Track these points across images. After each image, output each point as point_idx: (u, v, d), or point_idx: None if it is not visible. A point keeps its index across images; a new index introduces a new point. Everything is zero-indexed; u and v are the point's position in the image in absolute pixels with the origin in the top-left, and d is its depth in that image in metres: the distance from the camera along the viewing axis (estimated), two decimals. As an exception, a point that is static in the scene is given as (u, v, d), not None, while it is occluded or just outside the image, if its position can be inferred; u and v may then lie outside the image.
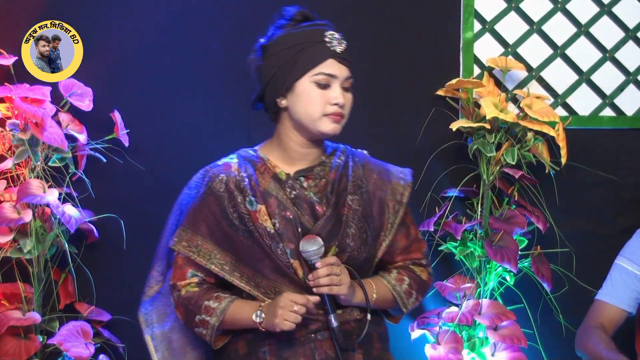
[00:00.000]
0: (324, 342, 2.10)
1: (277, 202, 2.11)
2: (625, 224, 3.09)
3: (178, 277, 2.15)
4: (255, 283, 2.10)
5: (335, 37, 2.13)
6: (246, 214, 2.10)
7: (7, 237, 2.70)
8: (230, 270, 2.10)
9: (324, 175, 2.18)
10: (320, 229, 2.10)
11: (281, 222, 2.09)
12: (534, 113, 2.86)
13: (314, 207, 2.13)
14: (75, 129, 2.81)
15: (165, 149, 2.96)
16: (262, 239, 2.08)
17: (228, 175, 2.14)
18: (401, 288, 2.22)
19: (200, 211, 2.14)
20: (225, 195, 2.12)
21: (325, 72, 2.10)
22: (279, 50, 2.13)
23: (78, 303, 2.83)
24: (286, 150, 2.17)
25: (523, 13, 3.12)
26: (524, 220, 2.90)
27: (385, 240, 2.21)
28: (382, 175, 2.25)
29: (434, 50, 3.08)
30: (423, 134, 2.97)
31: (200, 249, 2.11)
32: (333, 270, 2.06)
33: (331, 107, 2.10)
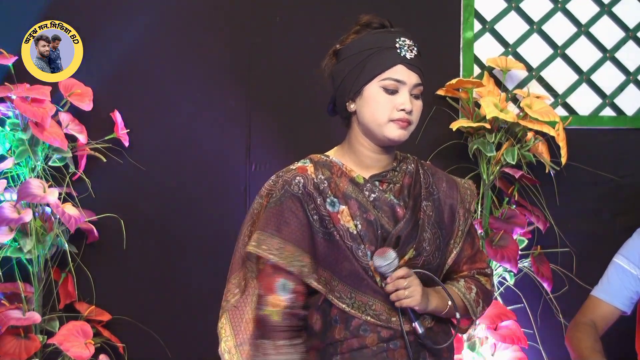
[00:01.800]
0: (397, 351, 2.08)
1: (358, 204, 2.10)
2: (625, 224, 3.09)
3: (266, 286, 2.08)
4: (331, 287, 2.08)
5: (406, 43, 2.12)
6: (326, 215, 2.09)
7: (7, 236, 2.70)
8: (308, 272, 2.06)
9: (398, 181, 2.17)
10: (400, 231, 2.09)
11: (363, 223, 2.08)
12: (534, 113, 2.86)
13: (394, 210, 2.12)
14: (75, 128, 2.81)
15: (165, 149, 2.96)
16: (344, 240, 2.07)
17: (305, 178, 2.12)
18: (470, 296, 2.20)
19: (280, 214, 2.09)
20: (304, 197, 2.10)
21: (393, 77, 2.09)
22: (349, 55, 2.13)
23: (78, 303, 2.83)
24: (358, 156, 2.16)
25: (523, 13, 3.12)
26: (524, 220, 2.90)
27: (456, 247, 2.20)
28: (450, 184, 2.25)
29: (434, 50, 3.07)
30: (423, 134, 2.96)
31: (282, 251, 2.07)
32: (399, 285, 2.05)
33: (398, 113, 2.09)
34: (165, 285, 2.94)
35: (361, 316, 2.07)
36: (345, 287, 2.08)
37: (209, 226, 2.95)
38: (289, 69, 2.99)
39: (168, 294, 2.93)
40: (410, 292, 2.05)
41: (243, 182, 2.96)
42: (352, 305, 2.08)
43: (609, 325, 2.68)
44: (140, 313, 2.90)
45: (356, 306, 2.07)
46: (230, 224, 2.92)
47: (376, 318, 2.07)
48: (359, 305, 2.08)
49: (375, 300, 2.08)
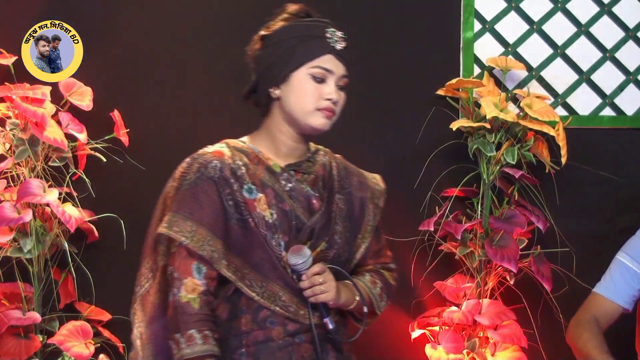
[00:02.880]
0: (302, 345, 2.09)
1: (274, 193, 2.10)
2: (625, 224, 3.09)
3: (183, 269, 2.05)
4: (242, 274, 2.06)
5: (336, 34, 2.13)
6: (242, 202, 2.07)
7: (7, 236, 2.70)
8: (219, 257, 2.04)
9: (312, 172, 2.18)
10: (315, 223, 2.10)
11: (278, 213, 2.08)
12: (534, 113, 2.86)
13: (310, 201, 2.12)
14: (75, 128, 2.81)
15: (165, 149, 2.96)
16: (258, 228, 2.07)
17: (222, 162, 2.11)
18: (375, 291, 2.23)
19: (194, 196, 2.06)
20: (220, 181, 2.08)
21: (322, 66, 2.10)
22: (278, 41, 2.13)
23: (78, 303, 2.83)
24: (275, 143, 2.16)
25: (523, 13, 3.12)
26: (524, 220, 2.90)
27: (364, 242, 2.22)
28: (361, 179, 2.27)
29: (434, 50, 3.08)
30: (423, 134, 2.97)
31: (194, 234, 2.05)
32: (315, 281, 2.06)
33: (324, 102, 2.09)
34: (165, 285, 2.93)
35: (270, 306, 2.05)
36: (256, 276, 2.07)
37: (208, 226, 2.94)
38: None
39: (168, 293, 2.93)
40: (326, 287, 2.06)
41: (243, 182, 2.96)
42: (262, 294, 2.06)
43: (610, 323, 2.68)
44: (140, 313, 2.90)
45: (266, 296, 2.06)
46: (230, 224, 2.92)
47: (285, 309, 2.06)
48: (268, 294, 2.06)
49: (285, 291, 2.07)
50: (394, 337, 3.00)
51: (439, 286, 2.96)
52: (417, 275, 2.99)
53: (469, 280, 2.95)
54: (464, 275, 2.98)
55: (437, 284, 2.97)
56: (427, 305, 3.01)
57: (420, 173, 2.97)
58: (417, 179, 2.97)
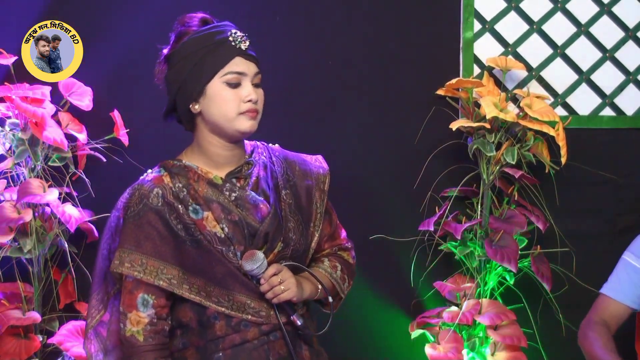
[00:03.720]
0: (276, 342, 2.11)
1: (221, 207, 2.10)
2: (625, 224, 3.09)
3: (127, 303, 2.07)
4: (206, 293, 2.07)
5: (238, 35, 2.13)
6: (191, 223, 2.07)
7: (8, 236, 2.70)
8: (178, 283, 2.05)
9: (254, 174, 2.18)
10: (267, 227, 2.11)
11: (229, 225, 2.09)
12: (534, 113, 2.86)
13: (257, 206, 2.13)
14: (75, 128, 2.81)
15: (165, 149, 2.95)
16: (212, 245, 2.07)
17: (162, 188, 2.10)
18: (337, 275, 2.25)
19: (139, 229, 2.06)
20: (164, 208, 2.07)
21: (234, 70, 2.10)
22: (184, 57, 2.12)
23: (78, 303, 2.83)
24: (209, 156, 2.15)
25: (523, 13, 3.12)
26: (524, 220, 2.90)
27: (317, 230, 2.23)
28: (303, 167, 2.27)
29: (434, 50, 3.08)
30: (423, 134, 2.96)
31: (145, 267, 2.05)
32: (274, 282, 2.07)
33: (245, 105, 2.09)
34: (165, 285, 2.93)
35: (242, 316, 2.08)
36: (221, 291, 2.08)
37: (208, 226, 2.94)
38: (288, 68, 2.99)
39: (168, 293, 2.93)
40: (286, 285, 2.08)
41: (243, 182, 2.96)
42: (231, 307, 2.08)
43: (620, 323, 2.68)
44: (140, 313, 2.90)
45: (235, 307, 2.08)
46: (230, 224, 2.92)
47: (257, 315, 2.08)
48: (237, 306, 2.08)
49: (252, 299, 2.09)
50: (394, 337, 3.00)
51: (439, 286, 2.96)
52: (417, 275, 3.00)
53: (469, 280, 2.95)
54: (463, 275, 2.98)
55: (437, 284, 2.97)
56: (427, 305, 3.02)
57: (420, 173, 2.97)
58: (417, 179, 2.97)
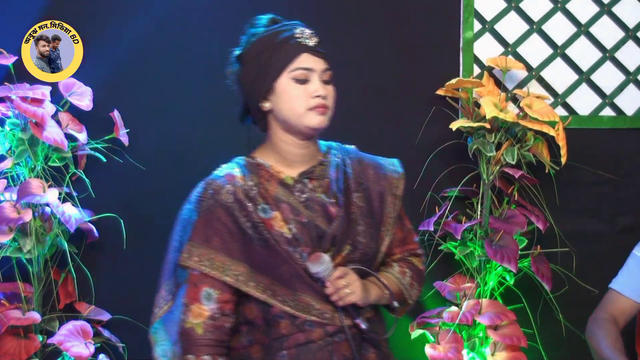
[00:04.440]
0: (341, 344, 2.09)
1: (290, 208, 2.10)
2: (625, 224, 3.10)
3: (191, 295, 2.08)
4: (272, 292, 2.08)
5: (305, 32, 2.14)
6: (260, 222, 2.08)
7: (7, 236, 2.70)
8: (245, 280, 2.06)
9: (326, 175, 2.18)
10: (336, 230, 2.10)
11: (297, 226, 2.08)
12: (533, 113, 2.86)
13: (326, 209, 2.12)
14: (75, 128, 2.81)
15: (165, 149, 2.96)
16: (279, 245, 2.07)
17: (234, 185, 2.12)
18: (405, 280, 2.22)
19: (209, 224, 2.08)
20: (235, 205, 2.09)
21: (301, 66, 2.10)
22: (253, 56, 2.14)
23: (78, 303, 2.83)
24: (282, 154, 2.16)
25: (523, 13, 3.12)
26: (524, 220, 2.90)
27: (388, 234, 2.21)
28: (378, 170, 2.25)
29: (434, 50, 3.08)
30: (423, 134, 2.96)
31: (213, 262, 2.07)
32: (339, 285, 2.05)
33: (313, 100, 2.09)
34: (165, 285, 2.93)
35: (307, 317, 2.07)
36: (287, 290, 2.08)
37: (208, 226, 2.94)
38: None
39: (168, 293, 2.93)
40: (351, 289, 2.06)
41: (243, 182, 2.96)
42: (296, 307, 2.07)
43: (629, 319, 2.67)
44: (140, 313, 2.89)
45: (300, 308, 2.07)
46: (230, 224, 2.92)
47: (321, 317, 2.07)
48: (302, 307, 2.07)
49: (317, 300, 2.08)
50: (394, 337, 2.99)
51: (439, 286, 2.96)
52: (417, 275, 2.99)
53: (468, 280, 2.95)
54: (463, 275, 2.98)
55: (437, 284, 2.97)
56: (427, 305, 3.02)
57: (420, 173, 2.97)
58: (417, 179, 2.97)
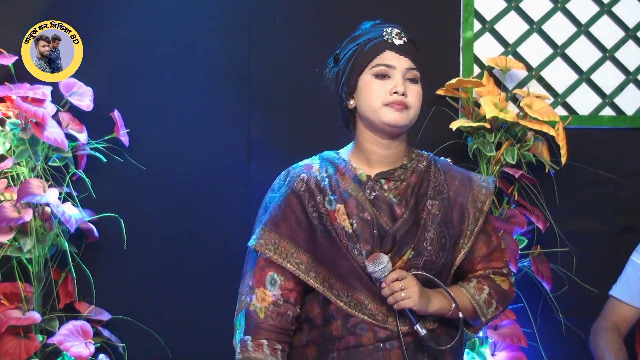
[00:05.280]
0: (392, 351, 2.07)
1: (356, 203, 2.10)
2: (625, 224, 3.09)
3: (257, 279, 2.11)
4: (329, 284, 2.08)
5: (394, 31, 2.13)
6: (325, 213, 2.09)
7: (8, 236, 2.70)
8: (305, 269, 2.08)
9: (405, 179, 2.16)
10: (397, 230, 2.09)
11: (359, 222, 2.08)
12: (533, 112, 2.86)
13: (392, 209, 2.11)
14: (76, 128, 2.81)
15: (165, 149, 2.96)
16: (340, 238, 2.07)
17: (309, 175, 2.14)
18: (480, 297, 2.17)
19: (281, 210, 2.12)
20: (306, 194, 2.11)
21: (382, 63, 2.10)
22: (344, 56, 2.17)
23: (78, 302, 2.83)
24: (365, 152, 2.16)
25: (523, 13, 3.12)
26: (524, 219, 2.90)
27: (464, 247, 2.17)
28: (464, 183, 2.22)
29: (434, 50, 3.08)
30: (423, 133, 2.96)
31: (277, 247, 2.08)
32: (395, 287, 2.04)
33: (391, 97, 2.08)
34: (165, 284, 2.94)
35: (357, 315, 2.07)
36: (343, 285, 2.08)
37: (208, 226, 2.95)
38: (289, 68, 2.99)
39: (168, 293, 2.93)
40: (407, 293, 2.03)
41: (243, 182, 2.96)
42: (349, 303, 2.07)
43: (631, 325, 2.68)
44: (140, 313, 2.90)
45: (353, 305, 2.07)
46: (229, 224, 2.93)
47: (372, 318, 2.07)
48: (355, 304, 2.07)
49: (371, 300, 2.07)
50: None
51: (439, 286, 2.95)
52: (417, 275, 2.99)
53: (468, 280, 2.95)
54: (463, 275, 2.98)
55: (437, 284, 2.96)
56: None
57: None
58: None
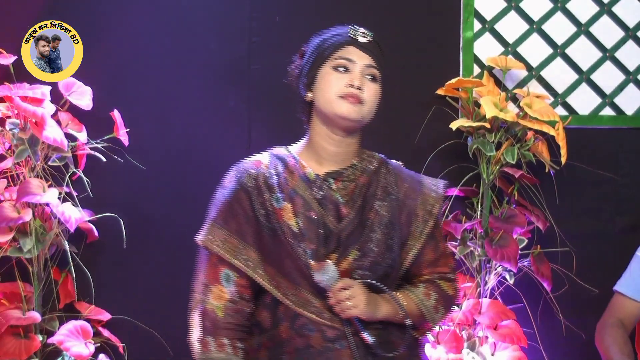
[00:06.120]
0: (343, 351, 2.06)
1: (303, 202, 2.09)
2: (625, 224, 3.10)
3: (212, 276, 2.09)
4: (276, 282, 2.08)
5: (359, 30, 2.14)
6: (272, 211, 2.08)
7: (7, 236, 2.70)
8: (254, 266, 2.06)
9: (354, 179, 2.16)
10: (342, 230, 2.08)
11: (305, 221, 2.08)
12: (534, 112, 2.86)
13: (339, 208, 2.11)
14: (75, 128, 2.81)
15: (165, 149, 2.96)
16: (285, 237, 2.07)
17: (258, 171, 2.13)
18: (429, 302, 2.17)
19: (229, 206, 2.10)
20: (254, 191, 2.10)
21: (343, 56, 2.10)
22: (309, 50, 2.16)
23: (78, 302, 2.83)
24: (316, 149, 2.15)
25: (523, 12, 3.12)
26: (524, 219, 2.90)
27: (413, 249, 2.17)
28: (414, 185, 2.22)
29: (434, 50, 3.08)
30: (423, 133, 2.96)
31: (226, 243, 2.07)
32: (341, 297, 2.03)
33: (347, 89, 2.08)
34: (165, 284, 2.94)
35: (304, 313, 2.05)
36: (289, 284, 2.07)
37: (208, 226, 2.94)
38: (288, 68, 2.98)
39: (168, 293, 2.93)
40: (354, 302, 2.02)
41: (243, 182, 2.96)
42: (296, 302, 2.05)
43: (636, 321, 2.67)
44: (140, 313, 2.90)
45: (299, 303, 2.05)
46: (230, 224, 2.92)
47: (319, 316, 2.05)
48: (302, 302, 2.06)
49: (317, 298, 2.06)
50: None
51: (439, 286, 2.96)
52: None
53: (469, 280, 2.95)
54: (464, 275, 2.98)
55: (437, 284, 2.96)
56: (427, 305, 3.01)
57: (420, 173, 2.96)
58: (417, 178, 2.97)
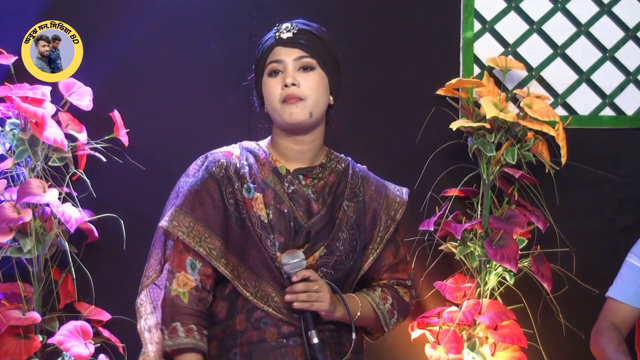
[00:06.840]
0: (296, 348, 2.08)
1: (274, 194, 2.11)
2: (625, 224, 3.09)
3: (177, 263, 2.10)
4: (237, 273, 2.08)
5: (282, 26, 2.15)
6: (242, 201, 2.09)
7: (7, 236, 2.70)
8: (217, 255, 2.07)
9: (323, 178, 2.18)
10: (312, 225, 2.10)
11: (275, 213, 2.09)
12: (534, 113, 2.86)
13: (310, 204, 2.13)
14: (75, 128, 2.81)
15: (165, 149, 2.96)
16: (254, 227, 2.08)
17: (228, 161, 2.14)
18: (384, 307, 2.20)
19: (197, 194, 2.11)
20: (224, 180, 2.11)
21: (271, 60, 2.12)
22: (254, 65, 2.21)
23: (78, 303, 2.83)
24: (281, 150, 2.18)
25: (523, 13, 3.12)
26: (524, 219, 2.90)
27: (373, 253, 2.20)
28: (380, 190, 2.25)
29: (434, 50, 3.08)
30: (423, 134, 2.96)
31: (191, 230, 2.07)
32: (310, 287, 2.05)
33: (283, 92, 2.10)
34: (165, 285, 2.93)
35: (263, 307, 2.06)
36: (251, 275, 2.08)
37: (208, 226, 2.94)
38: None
39: (168, 293, 2.93)
40: (320, 296, 2.05)
41: (243, 182, 2.96)
42: (255, 294, 2.07)
43: (630, 326, 2.68)
44: (140, 313, 2.90)
45: (259, 296, 2.07)
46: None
47: (277, 311, 2.07)
48: (262, 295, 2.07)
49: (278, 293, 2.08)
50: (394, 337, 3.00)
51: (439, 286, 2.96)
52: (417, 275, 2.99)
53: (469, 280, 2.95)
54: (464, 275, 2.98)
55: (437, 284, 2.96)
56: (427, 305, 3.01)
57: (420, 173, 2.97)
58: (417, 179, 2.97)
